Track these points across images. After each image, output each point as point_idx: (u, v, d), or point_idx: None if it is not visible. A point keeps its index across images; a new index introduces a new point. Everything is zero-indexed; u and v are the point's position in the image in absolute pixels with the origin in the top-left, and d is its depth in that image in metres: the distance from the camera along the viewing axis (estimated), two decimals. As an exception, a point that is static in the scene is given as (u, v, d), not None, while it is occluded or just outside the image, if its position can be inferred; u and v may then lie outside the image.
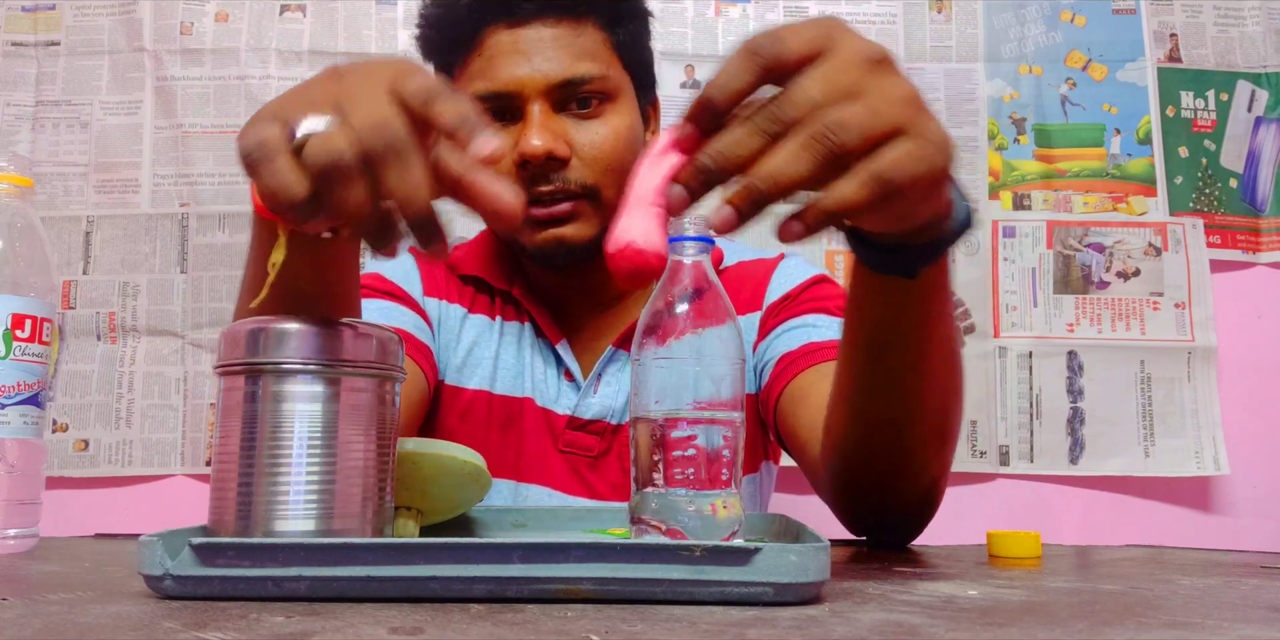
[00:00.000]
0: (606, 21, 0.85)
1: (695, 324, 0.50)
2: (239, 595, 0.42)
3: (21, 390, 0.67)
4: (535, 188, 0.81)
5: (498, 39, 0.82)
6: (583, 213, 0.83)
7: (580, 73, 0.82)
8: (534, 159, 0.80)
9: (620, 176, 0.82)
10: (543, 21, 0.82)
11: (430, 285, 0.93)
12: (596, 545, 0.42)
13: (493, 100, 0.82)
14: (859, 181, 0.44)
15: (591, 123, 0.83)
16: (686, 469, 0.49)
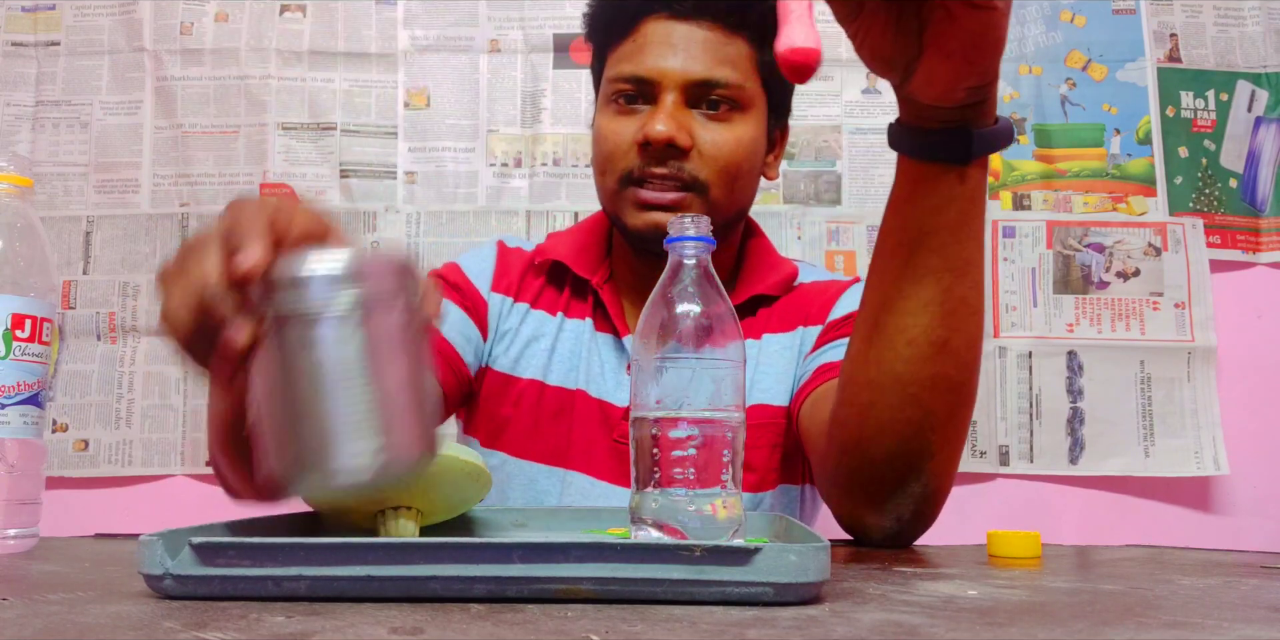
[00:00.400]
0: (757, 39, 0.88)
1: (695, 323, 0.50)
2: (239, 595, 0.42)
3: (21, 390, 0.67)
4: (650, 169, 0.85)
5: (654, 28, 0.87)
6: (689, 205, 0.86)
7: (719, 76, 0.86)
8: (656, 142, 0.84)
9: (731, 181, 0.87)
10: (699, 22, 0.87)
11: (500, 279, 0.97)
12: (596, 545, 0.42)
13: (633, 83, 0.87)
14: None
15: (718, 124, 0.87)
16: (686, 469, 0.49)
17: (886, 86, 1.49)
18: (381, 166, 1.48)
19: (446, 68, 1.49)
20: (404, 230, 1.46)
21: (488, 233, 1.46)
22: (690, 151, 0.85)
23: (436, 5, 1.50)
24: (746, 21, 0.88)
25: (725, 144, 0.86)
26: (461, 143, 1.48)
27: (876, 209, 1.48)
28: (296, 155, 1.47)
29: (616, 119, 0.88)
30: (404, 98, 1.49)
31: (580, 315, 0.95)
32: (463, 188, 1.48)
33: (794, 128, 1.51)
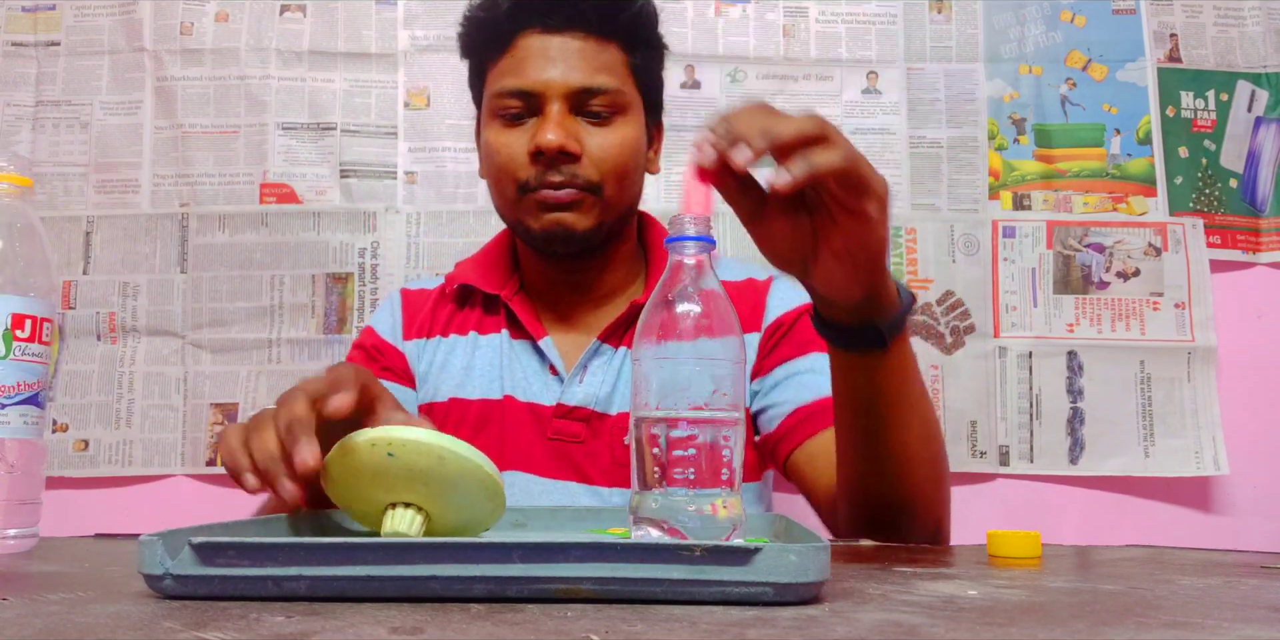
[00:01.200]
0: (627, 45, 0.94)
1: (695, 323, 0.50)
2: (239, 595, 0.43)
3: (21, 390, 0.67)
4: (546, 177, 0.89)
5: (529, 43, 0.92)
6: (585, 203, 0.90)
7: (599, 83, 0.91)
8: (549, 151, 0.88)
9: (620, 180, 0.92)
10: (572, 34, 0.91)
11: (409, 327, 1.03)
12: (596, 545, 0.42)
13: (518, 96, 0.91)
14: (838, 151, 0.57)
15: (602, 129, 0.92)
16: (686, 469, 0.49)
17: (886, 86, 1.49)
18: (381, 166, 1.48)
19: (446, 68, 1.49)
20: (404, 230, 1.46)
21: (488, 233, 1.45)
22: (581, 157, 0.90)
23: (436, 5, 1.50)
24: (616, 29, 0.92)
25: (612, 147, 0.91)
26: (461, 143, 1.48)
27: (876, 209, 1.48)
28: (296, 155, 1.47)
29: (505, 132, 0.92)
30: (404, 98, 1.49)
31: (494, 329, 1.00)
32: (463, 188, 1.48)
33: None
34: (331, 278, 1.45)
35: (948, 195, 1.48)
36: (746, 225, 0.63)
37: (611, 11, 0.92)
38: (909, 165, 1.48)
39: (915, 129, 1.49)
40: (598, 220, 0.91)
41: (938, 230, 1.46)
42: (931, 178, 1.48)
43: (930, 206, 1.47)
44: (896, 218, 1.47)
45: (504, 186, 0.93)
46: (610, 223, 0.93)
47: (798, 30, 1.50)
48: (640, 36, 0.95)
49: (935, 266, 1.45)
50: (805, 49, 1.50)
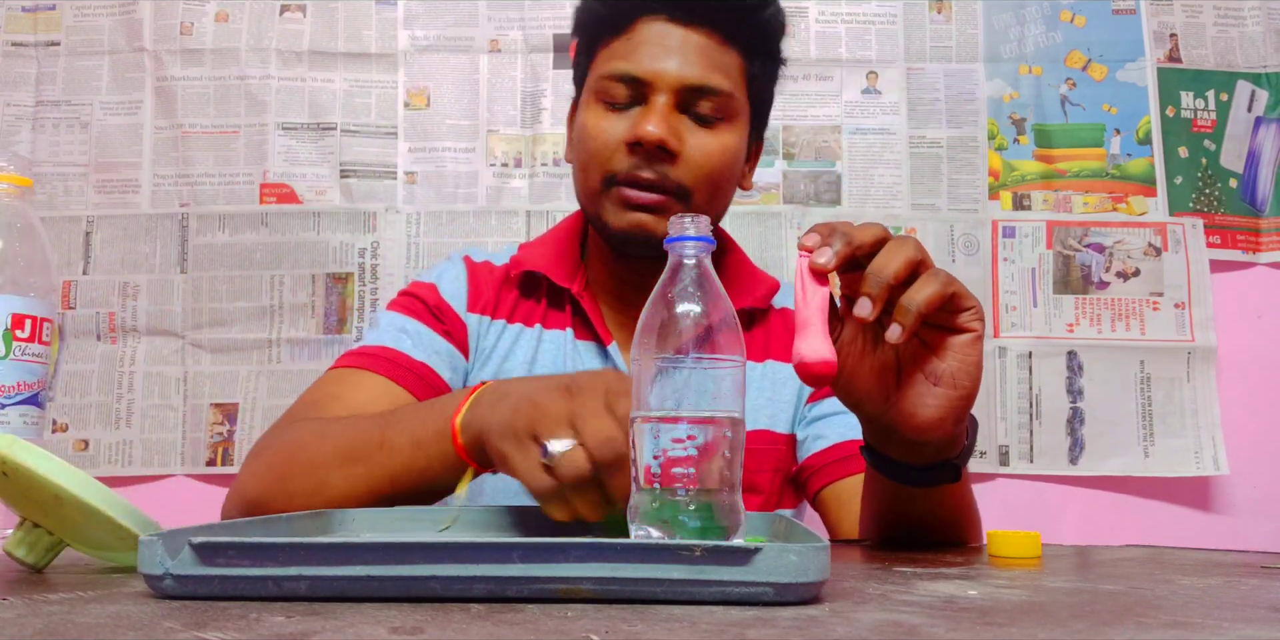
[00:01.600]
0: (748, 52, 0.88)
1: (695, 323, 0.50)
2: (239, 595, 0.42)
3: (21, 390, 0.67)
4: (637, 172, 0.84)
5: (651, 28, 0.86)
6: (671, 209, 0.85)
7: (713, 83, 0.85)
8: (648, 143, 0.83)
9: (714, 189, 0.87)
10: (697, 28, 0.86)
11: (475, 299, 0.96)
12: (596, 545, 0.42)
13: (627, 81, 0.86)
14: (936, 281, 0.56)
15: (706, 132, 0.86)
16: (686, 468, 0.49)
17: (886, 86, 1.49)
18: (381, 166, 1.48)
19: (446, 68, 1.49)
20: (404, 230, 1.46)
21: (488, 233, 1.46)
22: (678, 156, 0.84)
23: (436, 5, 1.50)
24: (742, 32, 0.87)
25: (712, 152, 0.86)
26: (461, 143, 1.48)
27: (876, 209, 1.48)
28: (296, 155, 1.47)
29: (605, 116, 0.87)
30: (404, 98, 1.49)
31: (559, 325, 0.94)
32: (463, 188, 1.48)
33: (794, 128, 1.52)
34: (331, 278, 1.45)
35: (948, 195, 1.48)
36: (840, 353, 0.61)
37: (742, 14, 0.87)
38: (909, 165, 1.48)
39: (915, 129, 1.49)
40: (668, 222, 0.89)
41: (938, 230, 1.46)
42: (931, 178, 1.48)
43: (930, 206, 1.47)
44: (897, 217, 1.47)
45: (590, 174, 0.87)
46: None
47: (798, 30, 1.50)
48: (764, 45, 0.90)
49: (935, 266, 1.45)
50: (805, 49, 1.50)
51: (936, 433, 0.61)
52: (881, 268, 0.56)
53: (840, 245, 0.56)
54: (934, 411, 0.60)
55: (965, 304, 0.58)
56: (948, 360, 0.59)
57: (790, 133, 1.49)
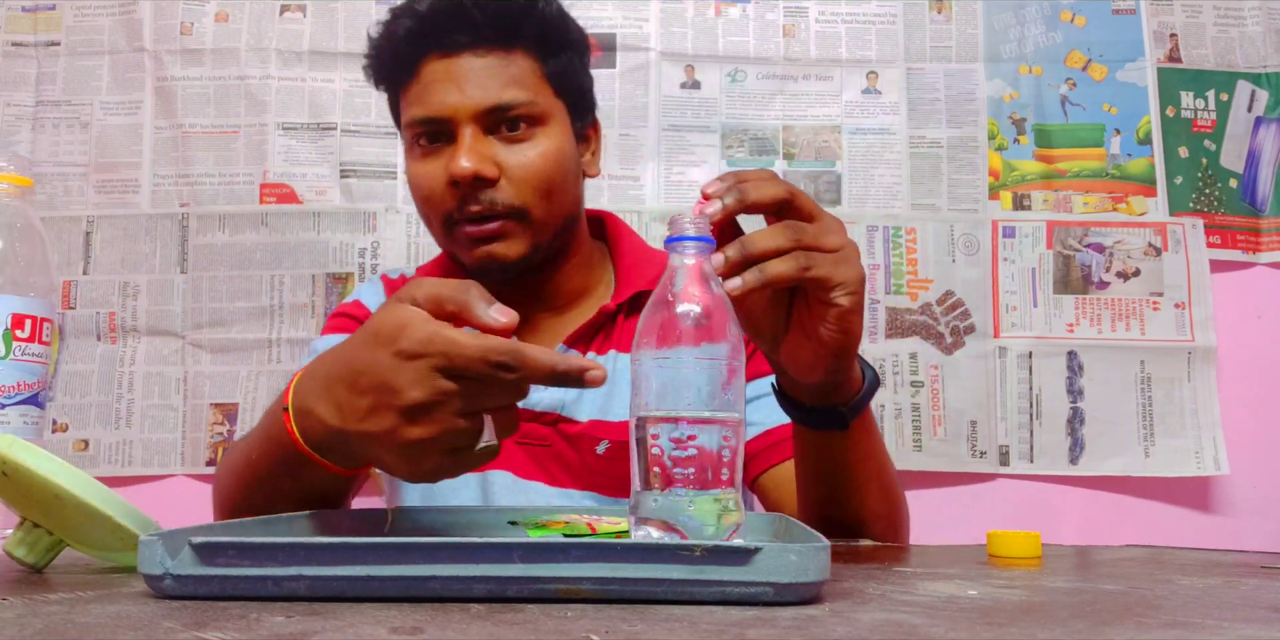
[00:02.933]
0: (536, 52, 0.90)
1: (695, 324, 0.50)
2: (239, 595, 0.42)
3: (21, 390, 0.67)
4: (466, 207, 0.86)
5: (432, 68, 0.88)
6: (512, 231, 0.87)
7: (507, 99, 0.87)
8: (463, 179, 0.85)
9: (547, 197, 0.88)
10: (474, 52, 0.87)
11: None
12: (596, 545, 0.42)
13: (428, 124, 0.88)
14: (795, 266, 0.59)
15: (521, 145, 0.88)
16: (687, 468, 0.49)
17: (886, 86, 1.49)
18: (381, 166, 1.48)
19: (446, 68, 1.49)
20: (404, 230, 1.46)
21: (488, 233, 1.46)
22: (499, 180, 0.86)
23: (436, 5, 1.50)
24: (520, 36, 0.88)
25: (533, 164, 0.87)
26: (461, 143, 1.48)
27: (876, 209, 1.48)
28: (296, 155, 1.47)
29: (423, 162, 0.89)
30: (404, 98, 1.49)
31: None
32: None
33: (794, 128, 1.52)
34: (331, 278, 1.45)
35: (948, 195, 1.48)
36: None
37: (509, 21, 0.88)
38: (909, 165, 1.48)
39: (915, 129, 1.49)
40: (530, 244, 0.88)
41: (938, 230, 1.46)
42: (931, 178, 1.48)
43: (930, 206, 1.47)
44: (897, 218, 1.47)
45: (430, 220, 0.90)
46: (546, 243, 0.90)
47: (798, 30, 1.50)
48: (548, 40, 0.91)
49: (935, 266, 1.45)
50: (805, 49, 1.50)
51: (811, 376, 0.66)
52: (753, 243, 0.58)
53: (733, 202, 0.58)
54: (807, 359, 0.65)
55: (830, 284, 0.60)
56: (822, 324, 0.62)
57: (790, 133, 1.49)
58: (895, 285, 1.45)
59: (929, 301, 1.45)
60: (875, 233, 1.46)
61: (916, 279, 1.45)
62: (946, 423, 1.42)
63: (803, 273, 0.59)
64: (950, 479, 1.41)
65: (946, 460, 1.42)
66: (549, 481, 0.92)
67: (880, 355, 1.44)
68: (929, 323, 1.44)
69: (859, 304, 0.62)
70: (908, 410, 1.43)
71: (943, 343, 1.44)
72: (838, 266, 0.61)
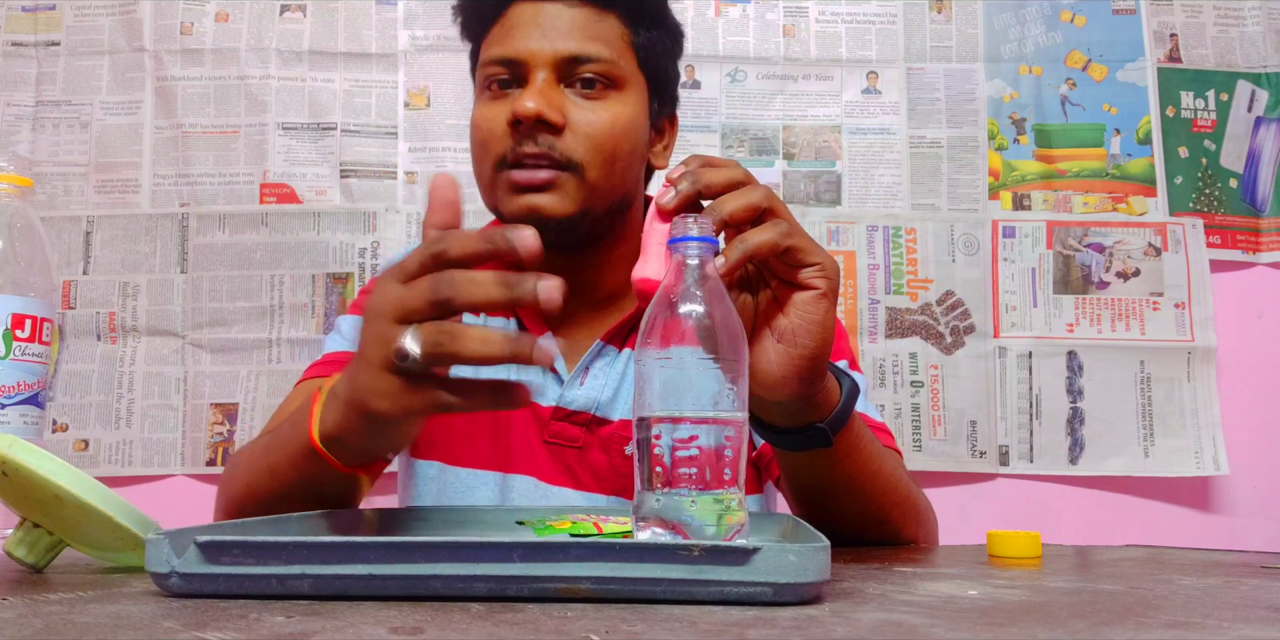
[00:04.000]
0: (629, 19, 0.86)
1: (699, 324, 0.50)
2: (243, 593, 0.43)
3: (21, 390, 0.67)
4: (521, 149, 0.81)
5: (520, 11, 0.85)
6: (563, 185, 0.82)
7: (589, 51, 0.83)
8: (525, 119, 0.80)
9: (608, 161, 0.83)
10: (566, 2, 0.84)
11: None
12: (596, 545, 0.42)
13: (504, 65, 0.84)
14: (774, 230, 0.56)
15: (592, 102, 0.84)
16: (689, 468, 0.49)
17: (886, 86, 1.49)
18: (381, 166, 1.48)
19: (446, 68, 1.49)
20: (404, 230, 1.46)
21: (488, 233, 1.46)
22: (563, 129, 0.81)
23: (436, 5, 1.50)
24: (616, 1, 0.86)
25: (600, 122, 0.83)
26: (461, 143, 1.48)
27: (876, 209, 1.48)
28: (296, 155, 1.47)
29: (490, 105, 0.85)
30: (404, 98, 1.49)
31: (506, 314, 0.93)
32: (463, 188, 1.47)
33: (794, 128, 1.52)
34: (331, 278, 1.45)
35: (948, 195, 1.48)
36: None
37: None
38: (909, 165, 1.48)
39: (915, 129, 1.49)
40: (580, 206, 0.82)
41: (938, 230, 1.46)
42: (931, 178, 1.48)
43: (930, 206, 1.48)
44: (897, 217, 1.47)
45: (482, 163, 0.85)
46: (597, 212, 0.84)
47: (798, 30, 1.50)
48: (643, 12, 0.87)
49: (935, 266, 1.45)
50: (805, 49, 1.50)
51: (781, 391, 0.60)
52: (719, 205, 0.56)
53: (686, 186, 0.57)
54: (777, 368, 0.59)
55: (808, 260, 0.57)
56: (790, 317, 0.58)
57: (790, 133, 1.49)
58: (895, 285, 1.45)
59: (929, 301, 1.45)
60: (875, 233, 1.46)
61: (916, 279, 1.45)
62: (946, 423, 1.42)
63: (784, 239, 0.56)
64: (950, 479, 1.41)
65: (946, 460, 1.42)
66: (574, 486, 0.89)
67: (880, 355, 1.44)
68: (929, 323, 1.44)
69: (834, 291, 0.59)
70: (908, 410, 1.43)
71: (942, 343, 1.44)
72: (815, 245, 0.58)
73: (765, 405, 0.64)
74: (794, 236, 0.57)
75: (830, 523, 0.71)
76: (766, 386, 0.60)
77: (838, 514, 0.71)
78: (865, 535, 0.73)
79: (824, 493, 0.70)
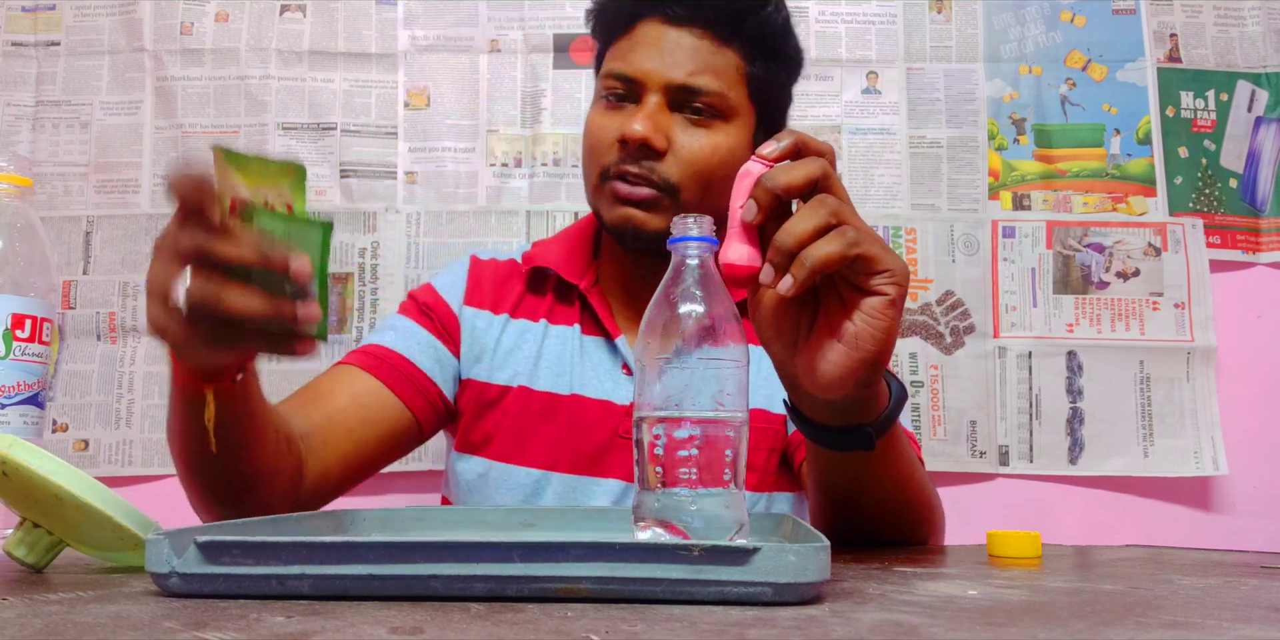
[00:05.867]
0: (747, 52, 0.90)
1: (698, 324, 0.50)
2: (243, 593, 0.43)
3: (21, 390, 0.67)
4: (624, 166, 0.87)
5: (647, 30, 0.89)
6: (659, 204, 0.87)
7: (700, 83, 0.87)
8: (631, 141, 0.85)
9: (704, 186, 0.88)
10: (691, 29, 0.88)
11: (473, 294, 0.99)
12: (596, 545, 0.42)
13: (621, 80, 0.89)
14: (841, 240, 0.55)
15: (698, 130, 0.88)
16: (689, 468, 0.49)
17: (886, 86, 1.49)
18: (381, 166, 1.48)
19: (446, 68, 1.49)
20: (404, 230, 1.46)
21: (488, 233, 1.46)
22: (665, 153, 0.87)
23: (436, 5, 1.50)
24: (739, 33, 0.89)
25: (701, 150, 0.87)
26: (461, 143, 1.48)
27: (876, 209, 1.48)
28: (296, 155, 1.47)
29: (605, 115, 0.90)
30: (404, 98, 1.49)
31: (567, 321, 0.96)
32: (463, 188, 1.48)
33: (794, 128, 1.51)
34: (331, 278, 1.45)
35: (947, 195, 1.48)
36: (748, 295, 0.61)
37: (736, 14, 0.88)
38: (909, 165, 1.48)
39: (915, 129, 1.49)
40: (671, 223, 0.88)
41: (938, 230, 1.46)
42: (931, 178, 1.48)
43: (930, 206, 1.48)
44: (897, 217, 1.47)
45: (589, 169, 0.91)
46: None
47: (798, 30, 1.50)
48: (763, 45, 0.91)
49: (935, 266, 1.45)
50: (805, 49, 1.49)
51: (835, 391, 0.60)
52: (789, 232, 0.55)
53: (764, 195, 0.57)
54: (832, 368, 0.59)
55: (878, 267, 0.57)
56: (855, 320, 0.58)
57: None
58: (895, 285, 1.45)
59: (929, 301, 1.45)
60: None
61: (916, 279, 1.45)
62: (946, 423, 1.42)
63: (850, 249, 0.55)
64: (950, 479, 1.41)
65: (946, 460, 1.42)
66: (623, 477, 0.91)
67: (880, 355, 1.44)
68: (929, 323, 1.44)
69: (903, 297, 0.58)
70: (908, 410, 1.43)
71: (942, 343, 1.44)
72: (885, 250, 0.57)
73: (815, 403, 0.63)
74: (861, 244, 0.56)
75: (851, 521, 0.72)
76: (821, 386, 0.60)
77: (862, 514, 0.72)
78: (881, 536, 0.73)
79: (853, 493, 0.70)
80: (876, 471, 0.68)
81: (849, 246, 0.55)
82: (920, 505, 0.75)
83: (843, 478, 0.69)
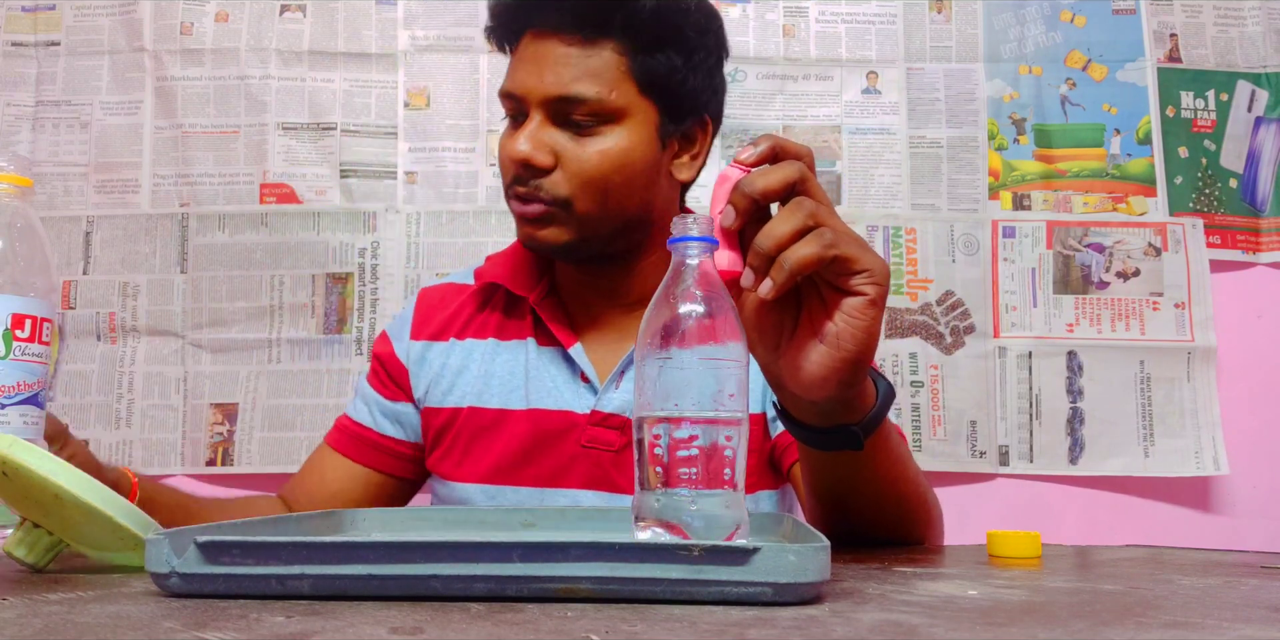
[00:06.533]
0: (624, 47, 0.86)
1: (698, 324, 0.50)
2: (243, 593, 0.43)
3: (21, 390, 0.67)
4: (516, 187, 0.87)
5: (526, 45, 0.88)
6: (556, 219, 0.86)
7: (576, 92, 0.84)
8: (515, 163, 0.85)
9: (599, 194, 0.86)
10: (560, 36, 0.85)
11: (419, 328, 1.00)
12: (596, 545, 0.42)
13: (509, 100, 0.88)
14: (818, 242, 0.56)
15: (585, 139, 0.86)
16: (689, 469, 0.49)
17: (886, 86, 1.49)
18: (381, 166, 1.48)
19: (446, 68, 1.49)
20: (404, 230, 1.46)
21: (487, 233, 1.46)
22: (553, 169, 0.85)
23: (436, 5, 1.50)
24: (609, 28, 0.85)
25: (589, 160, 0.85)
26: (461, 143, 1.48)
27: (876, 209, 1.48)
28: (296, 155, 1.47)
29: (507, 135, 0.89)
30: (404, 98, 1.49)
31: (520, 335, 0.96)
32: (463, 188, 1.48)
33: (794, 128, 1.52)
34: (331, 278, 1.45)
35: (948, 195, 1.48)
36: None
37: (600, 12, 0.84)
38: (909, 165, 1.48)
39: (915, 129, 1.49)
40: (575, 235, 0.86)
41: (938, 230, 1.46)
42: (931, 178, 1.48)
43: (930, 206, 1.48)
44: (897, 217, 1.47)
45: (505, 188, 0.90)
46: (600, 235, 0.87)
47: (798, 30, 1.50)
48: (641, 35, 0.86)
49: (935, 266, 1.45)
50: (805, 49, 1.50)
51: (819, 391, 0.60)
52: (766, 237, 0.56)
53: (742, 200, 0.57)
54: (815, 369, 0.59)
55: (856, 267, 0.56)
56: (836, 321, 0.58)
57: (790, 133, 1.49)
58: (895, 285, 1.45)
59: (929, 301, 1.45)
60: (875, 233, 1.46)
61: (916, 279, 1.45)
62: (946, 423, 1.42)
63: (828, 251, 0.55)
64: (950, 479, 1.41)
65: (946, 460, 1.42)
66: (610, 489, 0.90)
67: (880, 355, 1.44)
68: (929, 323, 1.44)
69: (883, 297, 0.58)
70: (908, 410, 1.43)
71: (942, 343, 1.44)
72: (864, 250, 0.57)
73: (800, 404, 0.63)
74: (839, 245, 0.56)
75: (846, 522, 0.71)
76: (804, 386, 0.60)
77: (856, 515, 0.71)
78: (877, 535, 0.73)
79: (846, 493, 0.70)
80: (867, 471, 0.68)
81: (826, 248, 0.55)
82: (915, 504, 0.74)
83: (834, 478, 0.69)
